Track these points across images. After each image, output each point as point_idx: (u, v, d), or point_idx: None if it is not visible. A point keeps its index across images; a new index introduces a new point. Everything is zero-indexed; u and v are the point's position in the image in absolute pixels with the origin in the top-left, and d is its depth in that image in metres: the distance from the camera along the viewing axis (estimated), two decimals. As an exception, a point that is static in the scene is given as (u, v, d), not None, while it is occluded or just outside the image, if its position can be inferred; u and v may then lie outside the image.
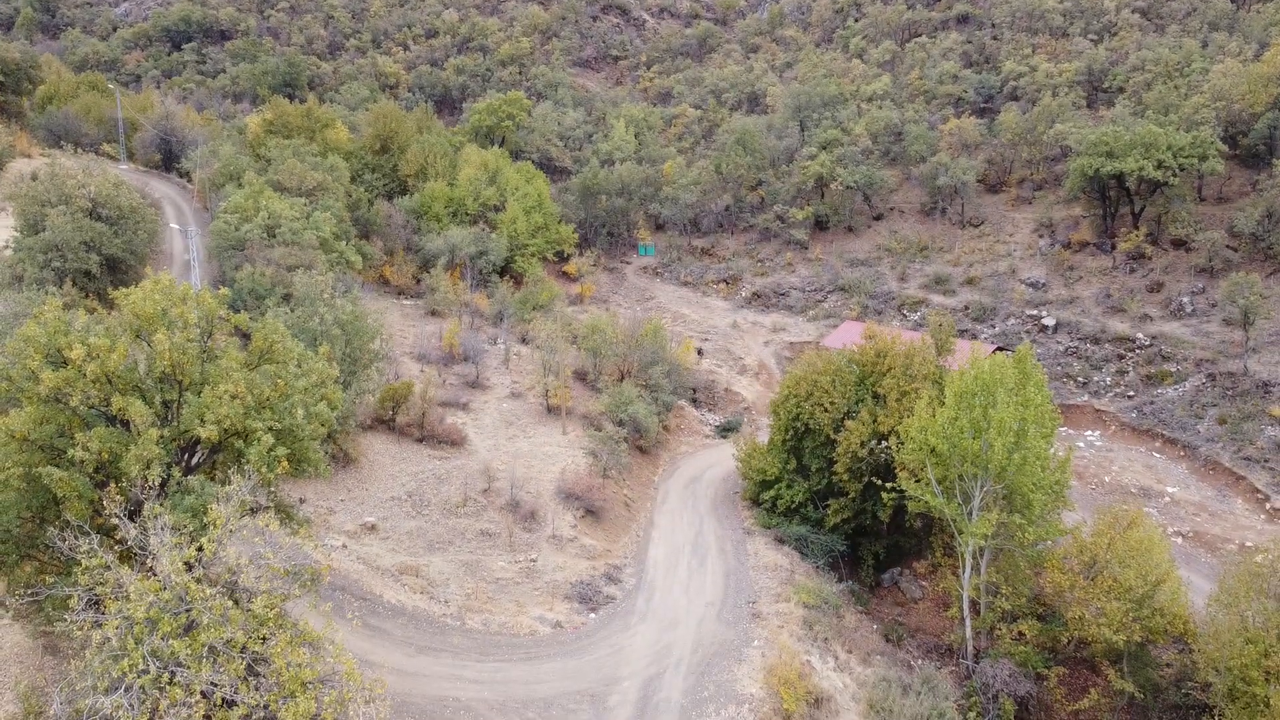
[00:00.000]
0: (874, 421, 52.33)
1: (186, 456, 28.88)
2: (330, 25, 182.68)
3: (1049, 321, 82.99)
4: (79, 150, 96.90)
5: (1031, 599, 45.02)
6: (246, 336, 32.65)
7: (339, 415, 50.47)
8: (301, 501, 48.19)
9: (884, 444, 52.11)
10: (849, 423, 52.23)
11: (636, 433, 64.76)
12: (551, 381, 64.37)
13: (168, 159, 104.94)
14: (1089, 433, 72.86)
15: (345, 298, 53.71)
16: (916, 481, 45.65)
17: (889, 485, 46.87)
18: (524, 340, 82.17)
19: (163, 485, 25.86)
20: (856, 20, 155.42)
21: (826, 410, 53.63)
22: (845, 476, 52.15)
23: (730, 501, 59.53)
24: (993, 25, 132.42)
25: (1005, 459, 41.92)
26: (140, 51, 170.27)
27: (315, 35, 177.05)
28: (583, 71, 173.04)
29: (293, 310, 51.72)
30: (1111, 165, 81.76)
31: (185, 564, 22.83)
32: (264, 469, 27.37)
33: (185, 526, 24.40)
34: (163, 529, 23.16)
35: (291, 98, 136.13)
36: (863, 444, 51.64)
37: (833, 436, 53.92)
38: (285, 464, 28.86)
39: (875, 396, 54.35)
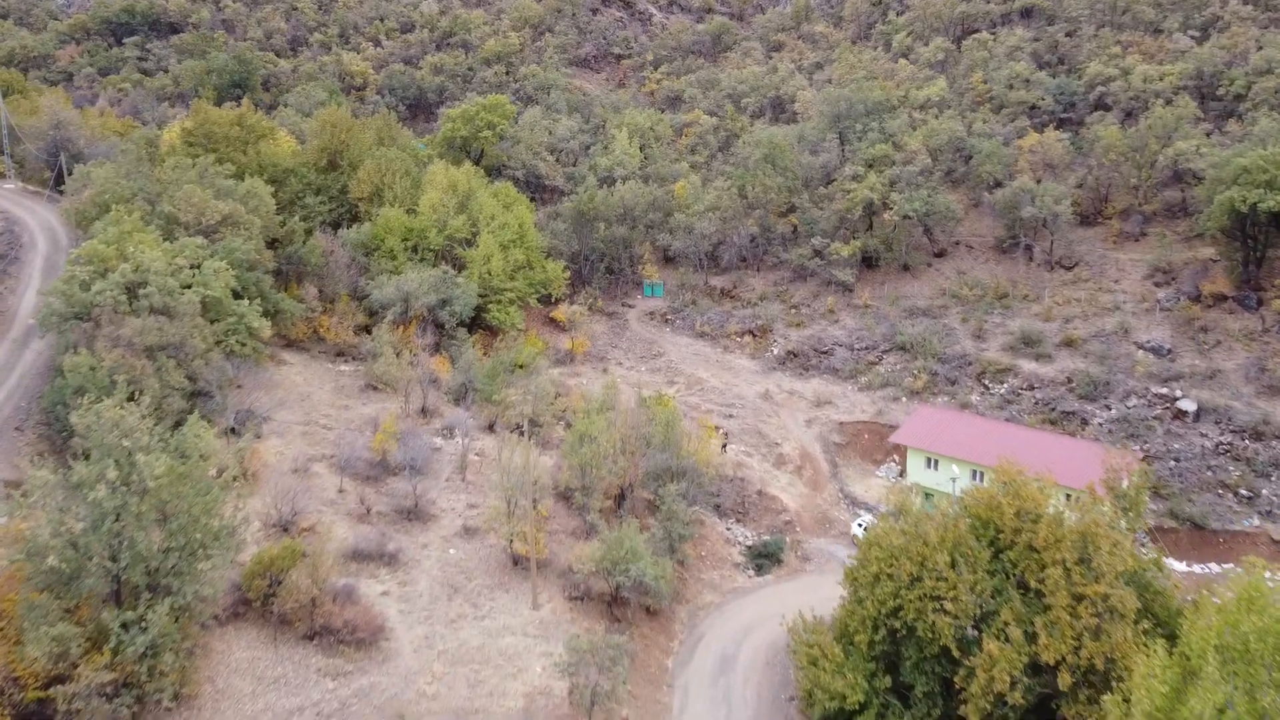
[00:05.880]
0: (1029, 640, 32.49)
1: None
2: (293, 18, 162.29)
3: (1188, 405, 62.79)
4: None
5: None
6: None
7: (151, 640, 30.67)
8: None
9: (1047, 676, 32.33)
10: (991, 644, 32.33)
11: (641, 590, 44.94)
12: (519, 522, 44.28)
13: (59, 176, 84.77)
14: (1264, 574, 52.49)
15: (172, 440, 33.55)
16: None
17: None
18: (491, 427, 62.20)
19: None
20: (900, 14, 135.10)
21: (946, 612, 33.75)
22: (982, 727, 32.45)
23: (782, 712, 39.79)
24: (1066, 19, 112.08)
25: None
26: (76, 46, 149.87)
27: (275, 29, 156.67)
28: (580, 72, 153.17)
29: (84, 459, 31.69)
30: (1274, 199, 61.67)
31: None
32: None
33: None
34: None
35: (242, 101, 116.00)
36: (1013, 681, 31.79)
37: (955, 652, 34.14)
38: None
39: (1022, 585, 34.57)
